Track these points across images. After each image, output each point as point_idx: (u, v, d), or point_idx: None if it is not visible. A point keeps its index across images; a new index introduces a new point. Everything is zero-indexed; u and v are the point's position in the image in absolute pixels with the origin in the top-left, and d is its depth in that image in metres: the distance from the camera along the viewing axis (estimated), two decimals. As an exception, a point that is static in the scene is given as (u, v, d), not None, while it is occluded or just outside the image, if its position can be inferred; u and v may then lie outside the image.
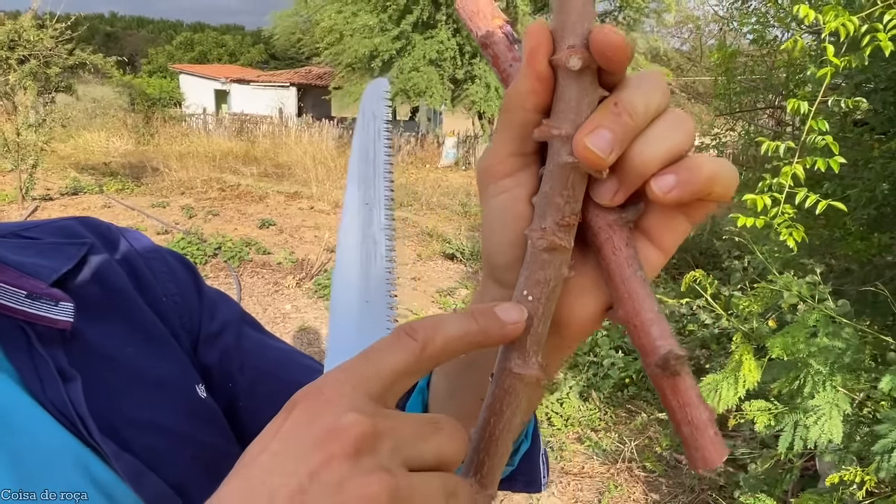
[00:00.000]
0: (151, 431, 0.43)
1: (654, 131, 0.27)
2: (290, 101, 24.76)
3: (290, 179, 11.92)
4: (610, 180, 0.28)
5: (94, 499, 0.38)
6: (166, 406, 0.45)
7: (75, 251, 0.46)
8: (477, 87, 15.12)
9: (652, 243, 0.31)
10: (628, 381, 3.68)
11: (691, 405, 0.28)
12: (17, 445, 0.37)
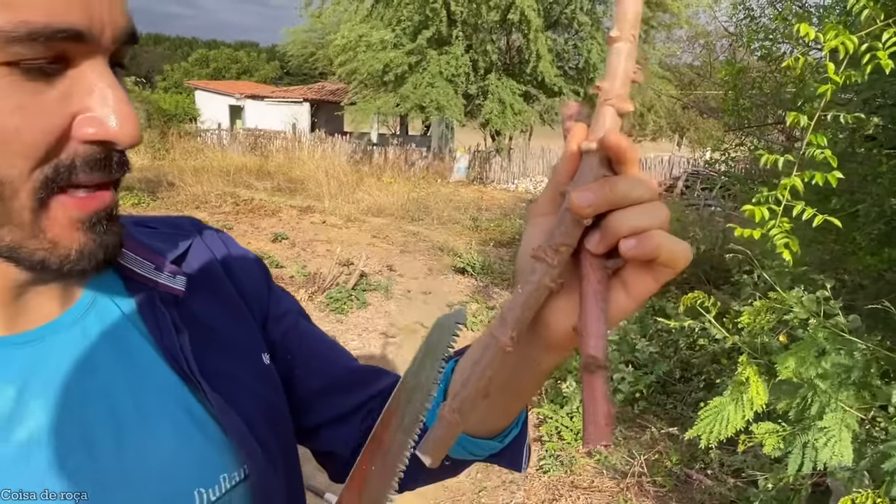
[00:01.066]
0: (230, 381, 0.55)
1: (632, 210, 0.37)
2: (303, 116, 25.03)
3: (303, 194, 12.03)
4: (596, 232, 0.38)
5: (187, 425, 0.51)
6: (242, 364, 0.58)
7: (184, 241, 0.60)
8: (491, 103, 15.22)
9: (625, 290, 0.39)
10: (638, 396, 3.67)
11: (596, 399, 0.38)
12: (136, 377, 0.50)
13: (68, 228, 0.42)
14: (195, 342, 0.54)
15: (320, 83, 26.23)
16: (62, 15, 0.37)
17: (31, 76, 0.38)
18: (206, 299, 0.58)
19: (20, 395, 0.44)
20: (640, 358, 3.86)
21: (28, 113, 0.38)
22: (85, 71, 0.40)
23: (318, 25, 17.46)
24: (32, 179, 0.39)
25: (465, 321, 0.47)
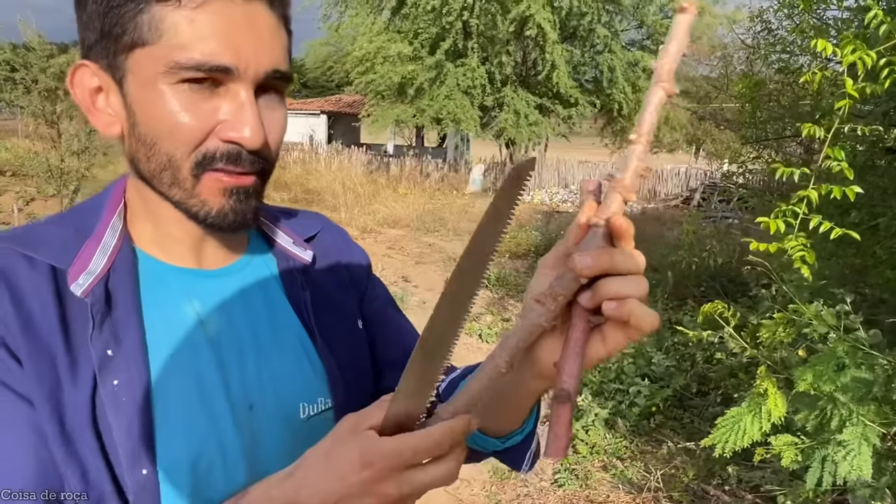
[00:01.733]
0: (333, 333, 0.73)
1: (620, 279, 0.47)
2: (320, 128, 25.25)
3: (320, 205, 12.13)
4: (589, 291, 0.48)
5: (301, 356, 0.69)
6: (343, 323, 0.76)
7: (315, 227, 0.80)
8: (506, 114, 15.27)
9: (602, 342, 0.49)
10: (655, 410, 3.64)
11: (560, 425, 0.47)
12: (272, 315, 0.69)
13: (214, 193, 0.59)
14: (314, 299, 0.72)
15: (337, 95, 26.49)
16: (217, 56, 0.54)
17: (196, 91, 0.55)
18: (324, 270, 0.77)
19: (203, 309, 0.65)
20: (657, 371, 3.84)
21: (190, 114, 0.55)
22: (234, 92, 0.56)
23: (336, 38, 17.65)
24: (190, 159, 0.57)
25: (533, 168, 0.52)
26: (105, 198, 0.66)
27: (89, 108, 0.60)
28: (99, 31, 0.56)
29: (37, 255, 0.59)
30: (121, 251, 0.62)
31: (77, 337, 0.57)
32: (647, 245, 8.45)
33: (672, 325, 4.37)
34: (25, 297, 0.56)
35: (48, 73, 8.14)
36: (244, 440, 0.63)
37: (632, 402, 3.66)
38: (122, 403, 0.56)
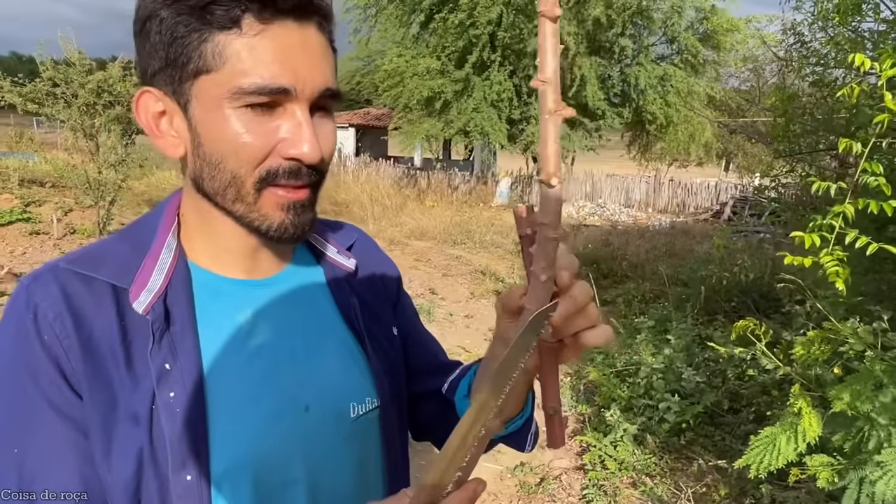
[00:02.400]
0: (375, 338, 0.77)
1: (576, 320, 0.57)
2: (348, 141, 25.54)
3: (348, 216, 12.24)
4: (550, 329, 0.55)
5: (349, 359, 0.74)
6: (383, 329, 0.80)
7: (352, 237, 0.84)
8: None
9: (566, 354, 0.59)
10: (685, 427, 3.58)
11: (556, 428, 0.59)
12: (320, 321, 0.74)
13: (274, 208, 0.63)
14: (361, 306, 0.77)
15: (365, 109, 26.76)
16: (277, 78, 0.58)
17: (257, 112, 0.59)
18: (365, 279, 0.82)
19: (255, 318, 0.69)
20: (687, 387, 3.78)
21: (253, 134, 0.60)
22: (291, 112, 0.60)
23: (364, 53, 17.87)
24: (253, 175, 0.61)
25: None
26: (160, 215, 0.70)
27: (153, 132, 0.64)
28: (164, 60, 0.60)
29: (98, 275, 0.63)
30: (177, 268, 0.66)
31: (138, 352, 0.61)
32: (676, 260, 8.34)
33: (702, 341, 4.30)
34: (87, 320, 0.61)
35: (87, 88, 8.40)
36: (301, 440, 0.67)
37: (661, 418, 3.61)
38: (176, 414, 0.60)
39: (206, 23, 0.57)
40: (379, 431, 0.75)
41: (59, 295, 0.61)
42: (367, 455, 0.74)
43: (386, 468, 0.76)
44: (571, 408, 4.13)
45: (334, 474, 0.70)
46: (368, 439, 0.74)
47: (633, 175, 18.72)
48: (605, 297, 6.63)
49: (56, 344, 0.59)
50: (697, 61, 15.57)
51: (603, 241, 9.62)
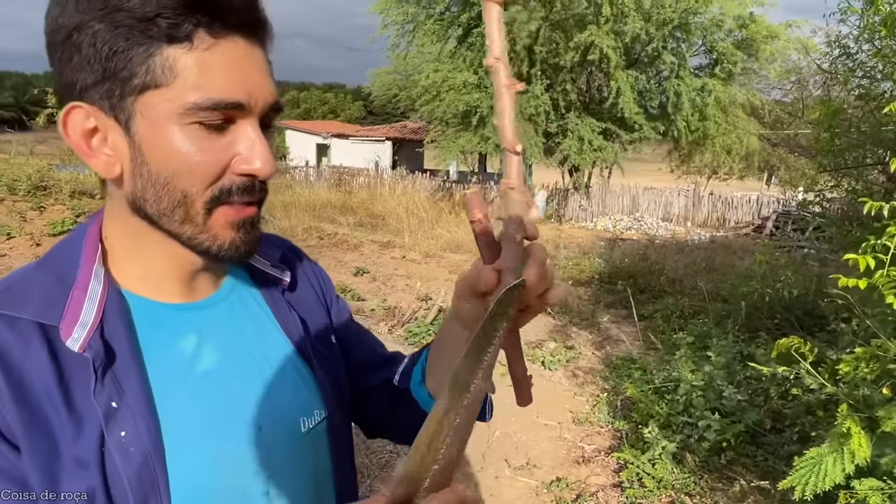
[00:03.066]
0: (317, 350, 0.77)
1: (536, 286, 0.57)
2: (385, 154, 25.83)
3: (384, 229, 12.37)
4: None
5: (296, 376, 0.73)
6: (323, 340, 0.81)
7: (279, 249, 0.82)
8: (570, 140, 15.23)
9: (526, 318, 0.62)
10: (725, 446, 3.51)
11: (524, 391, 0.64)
12: (263, 340, 0.73)
13: (225, 227, 0.62)
14: (301, 320, 0.78)
15: (402, 122, 27.05)
16: (231, 93, 0.57)
17: (210, 130, 0.58)
18: (300, 291, 0.81)
19: (199, 342, 0.67)
20: (727, 405, 3.71)
21: (206, 152, 0.58)
22: (243, 128, 0.60)
23: (402, 67, 18.09)
24: (204, 195, 0.60)
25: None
26: (80, 241, 0.65)
27: (83, 150, 0.60)
28: (100, 74, 0.56)
29: (22, 314, 0.58)
30: (109, 297, 0.62)
31: (78, 392, 0.58)
32: (716, 275, 8.19)
33: (744, 359, 4.22)
34: (14, 365, 0.56)
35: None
36: (258, 460, 0.67)
37: (701, 436, 3.54)
38: (131, 454, 0.58)
39: (153, 36, 0.54)
40: (328, 441, 0.76)
41: None
42: (319, 466, 0.75)
43: (335, 476, 0.78)
44: (608, 423, 4.09)
45: (291, 489, 0.71)
46: (319, 451, 0.75)
47: (671, 188, 18.47)
48: (642, 312, 6.55)
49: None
50: (736, 70, 15.31)
51: (640, 256, 9.50)
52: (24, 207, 10.57)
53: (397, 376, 0.83)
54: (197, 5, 0.55)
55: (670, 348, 5.05)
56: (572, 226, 16.21)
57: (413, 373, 0.81)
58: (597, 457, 3.71)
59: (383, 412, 0.86)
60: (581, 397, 4.60)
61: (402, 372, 0.83)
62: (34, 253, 8.30)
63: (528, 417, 4.20)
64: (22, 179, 13.11)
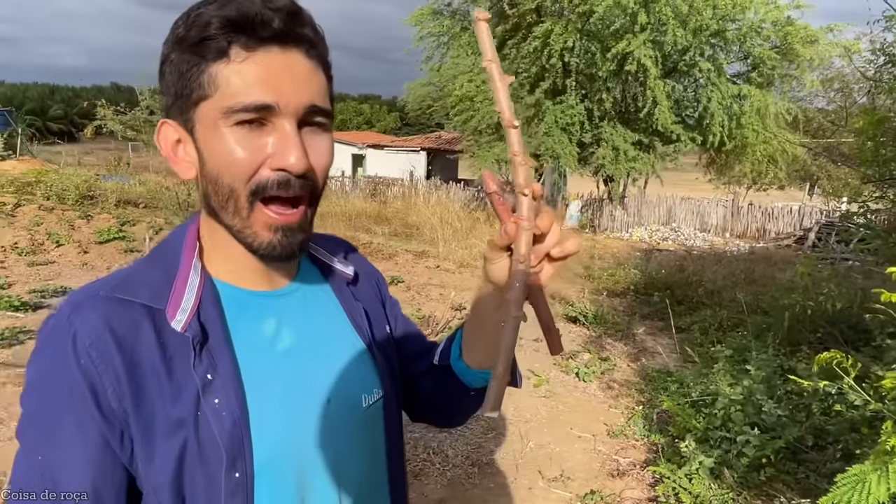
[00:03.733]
0: (376, 337, 0.88)
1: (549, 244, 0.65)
2: (420, 164, 26.00)
3: (419, 239, 12.45)
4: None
5: (358, 357, 0.83)
6: (380, 328, 0.91)
7: (342, 247, 0.94)
8: (604, 150, 15.12)
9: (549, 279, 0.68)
10: (765, 462, 3.44)
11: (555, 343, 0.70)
12: (331, 324, 0.84)
13: (264, 228, 0.69)
14: (364, 308, 0.88)
15: (437, 133, 27.21)
16: (260, 97, 0.65)
17: (249, 129, 0.66)
18: (361, 284, 0.92)
19: (277, 327, 0.77)
20: (767, 421, 3.63)
21: (245, 150, 0.66)
22: (279, 127, 0.66)
23: (437, 78, 18.23)
24: (245, 189, 0.67)
25: None
26: (181, 239, 0.76)
27: (171, 158, 0.72)
28: (175, 95, 0.68)
29: (136, 299, 0.70)
30: (204, 286, 0.73)
31: (179, 365, 0.68)
32: (756, 287, 8.03)
33: (785, 373, 4.13)
34: (128, 341, 0.67)
35: (181, 115, 8.99)
36: (325, 430, 0.77)
37: (740, 451, 3.48)
38: (223, 418, 0.68)
39: (202, 57, 0.65)
40: (383, 417, 0.85)
41: (98, 322, 0.67)
42: (375, 438, 0.84)
43: (387, 449, 0.86)
44: (643, 436, 4.04)
45: (351, 458, 0.79)
46: (376, 425, 0.84)
47: (709, 198, 18.15)
48: (679, 324, 6.46)
49: (91, 368, 0.65)
50: (774, 75, 14.98)
51: (677, 267, 9.37)
52: (72, 216, 10.97)
53: (436, 356, 0.92)
54: (233, 26, 0.64)
55: (708, 361, 4.97)
56: (607, 236, 16.06)
57: (451, 349, 0.89)
58: (632, 470, 3.67)
59: (429, 391, 0.94)
60: (616, 409, 4.55)
61: (440, 352, 0.92)
62: (82, 260, 8.59)
63: (562, 429, 4.18)
64: (70, 189, 13.61)
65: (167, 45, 0.68)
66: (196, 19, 0.65)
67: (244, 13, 0.64)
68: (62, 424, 0.65)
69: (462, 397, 0.90)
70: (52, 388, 0.66)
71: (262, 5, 0.65)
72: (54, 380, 0.66)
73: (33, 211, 11.46)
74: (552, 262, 0.66)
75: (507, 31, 15.31)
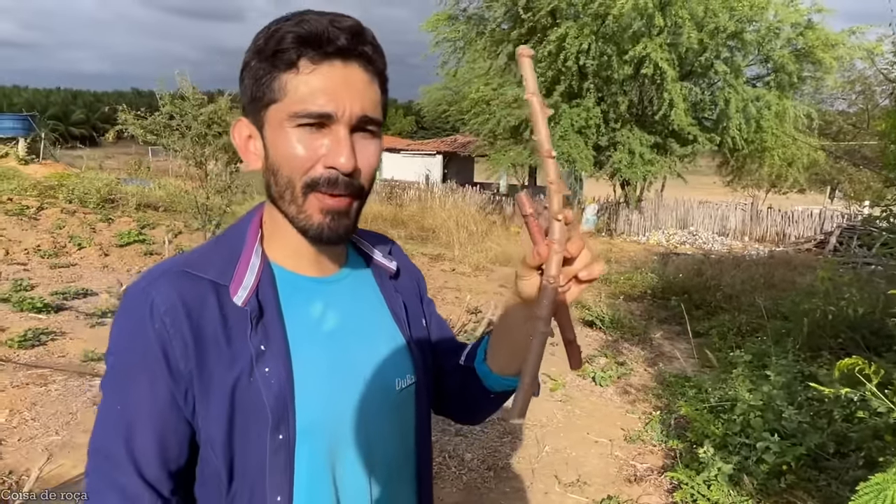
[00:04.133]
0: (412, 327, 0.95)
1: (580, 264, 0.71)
2: (435, 167, 26.04)
3: (434, 242, 12.47)
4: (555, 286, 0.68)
5: (394, 344, 0.90)
6: (416, 320, 0.98)
7: (388, 244, 1.02)
8: (620, 153, 15.04)
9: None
10: (786, 469, 3.39)
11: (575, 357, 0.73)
12: (373, 311, 0.92)
13: (316, 211, 0.78)
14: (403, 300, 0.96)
15: (452, 136, 27.23)
16: (322, 106, 0.75)
17: (308, 131, 0.76)
18: (403, 279, 0.99)
19: (324, 310, 0.85)
20: (788, 427, 3.58)
21: (304, 148, 0.76)
22: (335, 131, 0.76)
23: (453, 83, 18.27)
24: (301, 181, 0.76)
25: None
26: (246, 225, 0.87)
27: (243, 150, 0.83)
28: (249, 97, 0.79)
29: (205, 275, 0.80)
30: (263, 269, 0.83)
31: (237, 335, 0.78)
32: (775, 292, 7.93)
33: (805, 379, 4.08)
34: (195, 311, 0.77)
35: (199, 120, 9.09)
36: (360, 407, 0.84)
37: (759, 458, 3.43)
38: (272, 385, 0.77)
39: (275, 66, 0.75)
40: (414, 403, 0.92)
41: (172, 292, 0.77)
42: (405, 421, 0.91)
43: (416, 433, 0.93)
44: (661, 442, 4.01)
45: (382, 437, 0.87)
46: (407, 408, 0.91)
47: (727, 202, 17.98)
48: (697, 329, 6.40)
49: (164, 332, 0.75)
50: (794, 80, 14.80)
51: (695, 271, 9.28)
52: (93, 219, 11.12)
53: (463, 357, 0.98)
54: (303, 41, 0.74)
55: (726, 366, 4.92)
56: (624, 240, 15.96)
57: (477, 353, 0.94)
58: (649, 476, 3.64)
59: (454, 388, 1.00)
60: (633, 414, 4.52)
61: (466, 353, 0.98)
62: (102, 262, 8.71)
63: (579, 433, 4.16)
64: (92, 193, 13.80)
65: (248, 53, 0.78)
66: (273, 34, 0.75)
67: (313, 31, 0.74)
68: (138, 380, 0.76)
69: (482, 398, 0.95)
70: (131, 348, 0.77)
71: (330, 24, 0.75)
72: (133, 342, 0.77)
73: (56, 214, 11.64)
74: (579, 283, 0.71)
75: (523, 36, 15.30)
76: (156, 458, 0.77)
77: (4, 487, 3.01)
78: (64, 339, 5.29)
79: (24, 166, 18.41)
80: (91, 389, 4.24)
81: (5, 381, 4.28)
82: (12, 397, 4.02)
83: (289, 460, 0.78)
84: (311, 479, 0.80)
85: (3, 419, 3.73)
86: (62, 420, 3.77)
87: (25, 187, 14.91)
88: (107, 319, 5.89)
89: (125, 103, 9.77)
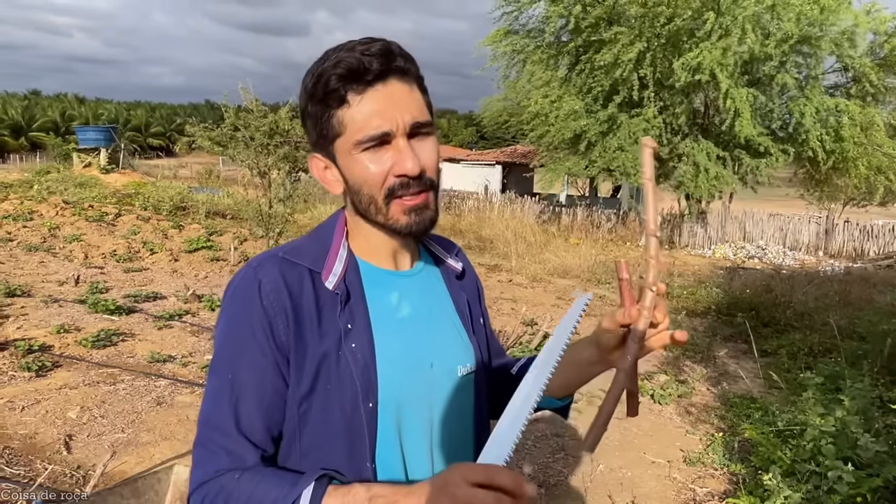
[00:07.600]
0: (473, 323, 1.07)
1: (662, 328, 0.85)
2: (495, 178, 26.01)
3: (492, 252, 12.44)
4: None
5: (458, 335, 1.01)
6: (477, 317, 1.09)
7: (455, 246, 1.14)
8: (685, 166, 14.59)
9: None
10: (860, 501, 3.17)
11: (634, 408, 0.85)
12: (440, 305, 1.02)
13: (400, 213, 0.89)
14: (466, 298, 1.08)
15: (512, 146, 27.17)
16: (378, 127, 0.85)
17: (373, 151, 0.87)
18: (468, 278, 1.11)
19: (399, 299, 0.96)
20: (863, 456, 3.36)
21: (374, 166, 0.87)
22: (395, 144, 0.87)
23: (513, 94, 18.23)
24: (381, 194, 0.88)
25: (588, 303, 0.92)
26: (334, 224, 0.99)
27: (323, 180, 0.96)
28: (316, 135, 0.91)
29: (302, 262, 0.92)
30: (349, 260, 0.95)
31: (327, 315, 0.89)
32: (851, 310, 7.49)
33: (884, 404, 3.82)
34: (295, 292, 0.89)
35: (262, 131, 9.40)
36: (427, 388, 0.95)
37: (831, 488, 3.22)
38: (358, 359, 0.88)
39: (328, 106, 0.87)
40: (474, 389, 1.02)
41: (277, 274, 0.89)
42: (465, 405, 1.01)
43: (474, 416, 1.03)
44: (723, 465, 3.83)
45: (445, 417, 0.96)
46: (467, 393, 1.01)
47: (799, 214, 17.16)
48: (764, 348, 6.11)
49: (270, 307, 0.87)
50: (878, 89, 14.00)
51: (764, 286, 8.89)
52: (166, 226, 11.64)
53: (515, 368, 1.11)
54: (344, 79, 0.85)
55: (796, 388, 4.67)
56: (687, 253, 15.48)
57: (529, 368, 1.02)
58: (709, 501, 3.49)
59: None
60: (693, 435, 4.34)
61: (520, 365, 1.11)
62: (172, 268, 9.08)
63: (635, 453, 4.03)
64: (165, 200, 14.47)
65: (302, 99, 0.91)
66: (319, 78, 0.86)
67: (350, 66, 0.84)
68: (249, 349, 0.87)
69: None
70: (242, 321, 0.88)
71: (361, 55, 0.84)
72: (244, 315, 0.88)
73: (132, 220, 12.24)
74: (658, 347, 0.85)
75: (581, 48, 15.12)
76: (261, 422, 0.86)
77: (73, 482, 3.16)
78: (133, 340, 5.54)
79: (104, 175, 19.52)
80: (156, 390, 4.42)
81: (78, 378, 4.51)
82: (84, 395, 4.23)
83: (372, 428, 0.87)
84: (386, 448, 0.89)
85: (74, 415, 3.93)
86: (128, 419, 3.94)
87: (105, 195, 15.74)
88: (174, 322, 6.14)
89: (199, 115, 10.26)
